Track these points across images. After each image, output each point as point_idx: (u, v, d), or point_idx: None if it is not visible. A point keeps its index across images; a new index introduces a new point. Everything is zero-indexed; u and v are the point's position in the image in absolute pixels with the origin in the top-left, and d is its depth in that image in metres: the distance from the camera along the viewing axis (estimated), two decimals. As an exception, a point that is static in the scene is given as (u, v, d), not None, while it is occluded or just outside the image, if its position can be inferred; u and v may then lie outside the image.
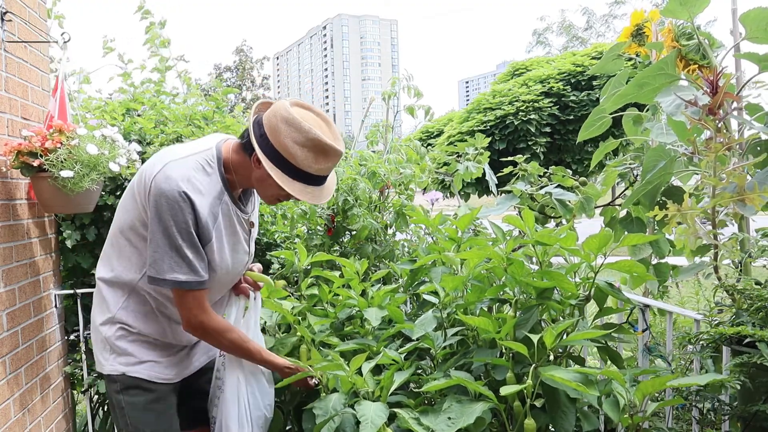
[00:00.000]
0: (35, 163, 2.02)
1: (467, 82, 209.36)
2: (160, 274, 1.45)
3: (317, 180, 1.51)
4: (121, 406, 1.58)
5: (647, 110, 2.12)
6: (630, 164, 2.19)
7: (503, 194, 2.43)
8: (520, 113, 10.49)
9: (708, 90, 1.58)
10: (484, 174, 2.96)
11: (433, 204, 2.96)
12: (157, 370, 1.61)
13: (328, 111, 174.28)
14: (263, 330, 1.98)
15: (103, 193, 2.54)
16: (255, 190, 1.68)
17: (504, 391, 1.36)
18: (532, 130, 10.38)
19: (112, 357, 1.58)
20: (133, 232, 1.53)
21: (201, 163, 1.49)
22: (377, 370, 1.71)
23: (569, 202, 2.27)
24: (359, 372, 1.57)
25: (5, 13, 2.07)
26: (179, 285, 1.46)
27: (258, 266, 1.90)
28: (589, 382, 1.37)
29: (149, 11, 3.23)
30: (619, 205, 2.16)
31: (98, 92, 3.20)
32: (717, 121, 1.56)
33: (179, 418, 1.70)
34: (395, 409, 1.47)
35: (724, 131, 1.56)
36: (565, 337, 1.54)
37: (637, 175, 2.16)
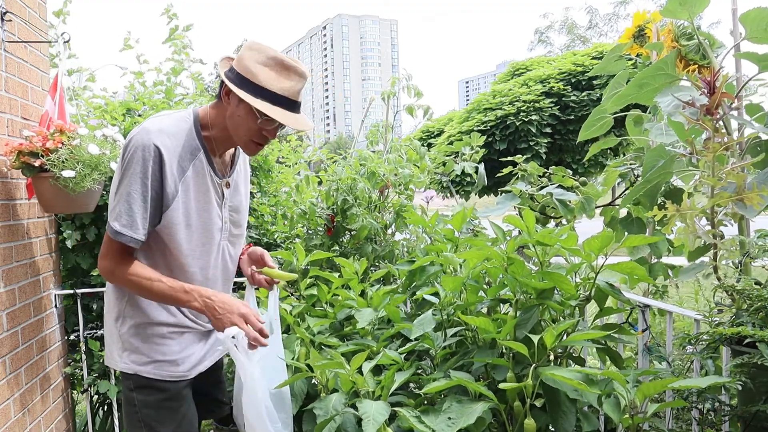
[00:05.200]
0: (36, 164, 2.02)
1: (467, 82, 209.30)
2: (109, 219, 1.49)
3: (285, 102, 1.50)
4: (134, 403, 1.59)
5: (649, 111, 2.12)
6: (630, 164, 2.19)
7: (503, 194, 2.43)
8: (521, 113, 10.49)
9: (706, 90, 1.58)
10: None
11: (428, 202, 2.97)
12: (169, 369, 1.59)
13: (328, 111, 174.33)
14: None
15: (104, 192, 2.54)
16: (240, 155, 1.71)
17: (504, 385, 1.37)
18: (533, 130, 10.38)
19: (125, 354, 1.59)
20: None
21: (177, 118, 1.55)
22: (377, 370, 1.71)
23: (570, 202, 2.27)
24: (359, 371, 1.57)
25: (5, 13, 2.07)
26: (114, 235, 1.47)
27: (260, 252, 1.81)
28: (589, 381, 1.38)
29: (176, 14, 3.26)
30: (619, 205, 2.16)
31: (103, 90, 3.18)
32: (715, 121, 1.55)
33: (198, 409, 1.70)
34: (396, 408, 1.47)
35: (723, 131, 1.56)
36: (565, 337, 1.54)
37: (637, 176, 2.16)
